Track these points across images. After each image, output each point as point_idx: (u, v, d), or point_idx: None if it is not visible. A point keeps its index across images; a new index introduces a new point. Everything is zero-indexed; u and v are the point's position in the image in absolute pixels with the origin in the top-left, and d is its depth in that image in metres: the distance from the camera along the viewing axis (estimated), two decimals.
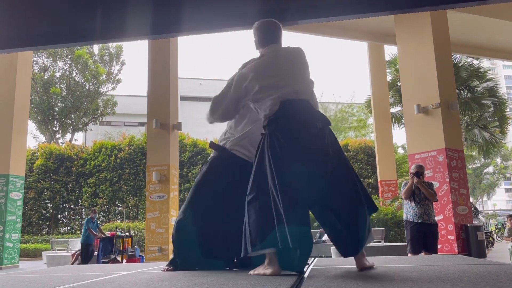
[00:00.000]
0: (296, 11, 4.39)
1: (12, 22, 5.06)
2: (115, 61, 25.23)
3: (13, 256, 9.78)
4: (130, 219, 18.52)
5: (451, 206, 8.30)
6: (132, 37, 5.56)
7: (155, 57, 10.00)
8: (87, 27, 4.91)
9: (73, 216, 19.51)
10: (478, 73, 13.52)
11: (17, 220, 9.97)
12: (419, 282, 1.63)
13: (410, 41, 9.50)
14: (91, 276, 2.45)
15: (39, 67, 23.43)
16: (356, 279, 1.75)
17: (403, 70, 9.71)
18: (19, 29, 5.01)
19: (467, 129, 13.99)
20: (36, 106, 22.13)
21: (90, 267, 3.59)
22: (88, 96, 23.47)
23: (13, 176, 9.82)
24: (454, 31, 9.92)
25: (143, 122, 29.10)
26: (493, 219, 30.42)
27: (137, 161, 18.82)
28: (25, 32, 4.99)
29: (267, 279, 1.95)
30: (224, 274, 2.22)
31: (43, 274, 2.76)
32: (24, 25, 4.96)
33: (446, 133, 8.58)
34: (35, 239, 17.20)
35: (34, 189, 18.32)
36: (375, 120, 13.25)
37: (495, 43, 12.64)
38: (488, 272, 1.87)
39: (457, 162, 8.62)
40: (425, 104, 8.88)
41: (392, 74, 14.59)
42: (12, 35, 5.06)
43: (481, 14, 10.30)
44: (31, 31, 4.97)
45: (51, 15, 4.94)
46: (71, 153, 19.38)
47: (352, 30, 11.74)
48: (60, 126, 23.66)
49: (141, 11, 4.81)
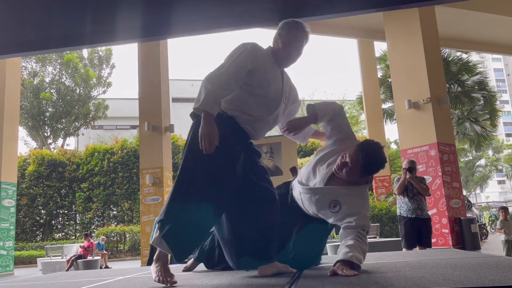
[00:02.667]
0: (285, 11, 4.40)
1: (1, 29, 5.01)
2: (105, 64, 25.10)
3: (7, 263, 9.70)
4: (125, 223, 18.44)
5: (444, 199, 8.37)
6: (122, 40, 5.54)
7: (145, 59, 9.97)
8: (76, 31, 4.88)
9: (67, 222, 19.39)
10: (468, 67, 13.63)
11: (10, 227, 9.89)
12: (412, 277, 1.64)
13: (399, 37, 9.56)
14: (86, 282, 2.44)
15: (28, 72, 23.24)
16: (350, 278, 1.77)
17: (393, 66, 9.77)
18: (6, 35, 4.96)
19: (458, 122, 14.09)
20: (26, 112, 21.94)
21: (85, 273, 3.58)
22: (79, 100, 23.33)
23: (5, 183, 9.74)
24: (442, 26, 10.00)
25: (135, 125, 28.99)
26: (486, 211, 30.71)
27: (130, 164, 18.75)
28: (13, 38, 4.95)
29: (262, 279, 1.96)
30: (219, 276, 2.22)
31: (38, 282, 2.74)
32: (12, 31, 4.92)
33: (438, 127, 8.65)
34: (30, 246, 17.07)
35: (26, 195, 18.18)
36: (367, 116, 13.33)
37: (483, 37, 12.76)
38: (480, 265, 1.89)
39: (449, 156, 8.69)
40: (416, 99, 8.94)
41: (383, 70, 14.66)
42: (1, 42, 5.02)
43: (468, 8, 10.40)
44: (19, 37, 4.92)
45: (39, 20, 4.90)
46: (63, 158, 19.25)
47: (342, 27, 11.79)
48: (52, 131, 23.49)
49: (130, 13, 4.79)
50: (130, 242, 17.06)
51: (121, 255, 16.98)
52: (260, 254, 2.05)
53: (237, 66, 2.02)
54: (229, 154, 2.03)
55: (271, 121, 2.23)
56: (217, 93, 1.95)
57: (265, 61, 2.15)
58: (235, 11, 4.39)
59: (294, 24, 2.20)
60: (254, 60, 2.08)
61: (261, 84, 2.11)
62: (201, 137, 1.90)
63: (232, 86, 2.01)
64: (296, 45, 2.19)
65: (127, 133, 27.05)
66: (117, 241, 17.39)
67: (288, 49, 2.18)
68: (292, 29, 2.18)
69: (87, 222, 18.62)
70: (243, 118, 2.11)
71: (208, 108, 1.91)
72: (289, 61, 2.24)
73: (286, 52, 2.19)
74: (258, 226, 2.05)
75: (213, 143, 1.89)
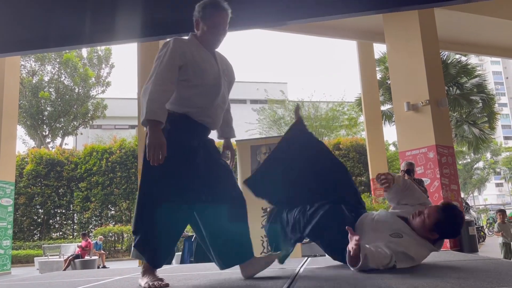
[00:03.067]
0: (283, 12, 4.40)
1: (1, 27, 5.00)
2: (104, 64, 25.06)
3: (4, 263, 9.67)
4: (123, 223, 18.41)
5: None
6: (122, 40, 5.53)
7: (145, 59, 9.95)
8: (76, 30, 4.87)
9: (65, 221, 19.34)
10: (466, 69, 13.65)
11: (8, 226, 9.86)
12: (409, 278, 1.64)
13: (398, 39, 9.57)
14: (84, 281, 2.43)
15: (27, 71, 23.19)
16: (348, 279, 1.77)
17: (393, 68, 9.78)
18: (6, 33, 4.96)
19: (456, 125, 14.11)
20: (25, 111, 21.89)
21: (83, 272, 3.57)
22: (78, 99, 23.28)
23: (3, 182, 9.72)
24: (441, 29, 10.02)
25: (134, 125, 28.97)
26: (484, 213, 30.74)
27: (129, 164, 18.72)
28: (13, 37, 4.94)
29: (260, 280, 1.95)
30: (217, 276, 2.22)
31: (35, 281, 2.74)
32: (11, 30, 4.91)
33: (436, 129, 8.66)
34: (27, 245, 17.02)
35: (24, 194, 18.13)
36: (366, 118, 13.32)
37: (482, 40, 12.77)
38: (478, 267, 1.90)
39: (447, 158, 8.70)
40: (414, 101, 8.95)
41: (382, 72, 14.68)
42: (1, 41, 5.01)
43: (468, 11, 10.42)
44: (19, 36, 4.92)
45: (39, 19, 4.89)
46: (61, 157, 19.21)
47: (341, 29, 11.79)
48: (50, 131, 23.44)
49: (129, 13, 4.79)
50: (127, 242, 17.03)
51: (119, 255, 16.95)
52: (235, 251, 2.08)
53: (167, 67, 1.99)
54: (186, 152, 2.03)
55: (221, 103, 2.20)
56: (157, 99, 1.92)
57: (193, 51, 2.10)
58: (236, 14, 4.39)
59: (214, 4, 2.14)
60: (182, 54, 2.04)
61: (197, 74, 2.08)
62: (148, 148, 1.90)
63: (170, 88, 1.99)
64: (222, 25, 2.15)
65: (126, 132, 27.02)
66: (114, 241, 17.36)
67: (215, 31, 2.15)
68: (214, 10, 2.13)
69: (85, 221, 18.58)
70: (194, 112, 2.09)
71: (152, 117, 1.90)
72: (218, 42, 2.20)
73: (214, 34, 2.15)
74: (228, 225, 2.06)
75: (162, 153, 1.89)
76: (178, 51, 2.04)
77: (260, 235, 5.44)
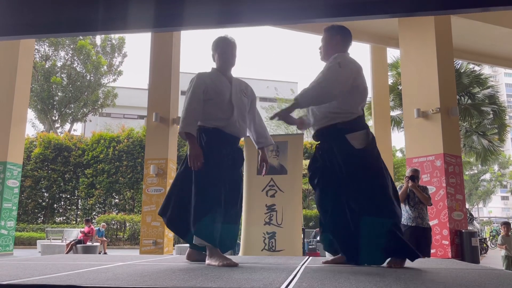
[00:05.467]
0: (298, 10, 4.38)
1: (13, 9, 5.04)
2: (117, 52, 25.20)
3: (7, 243, 9.78)
4: (126, 211, 18.54)
5: (447, 211, 8.33)
6: (136, 29, 5.53)
7: (158, 50, 9.99)
8: (89, 17, 4.89)
9: (69, 206, 19.52)
10: (479, 79, 13.52)
11: (13, 207, 9.97)
12: (412, 283, 1.64)
13: (412, 45, 9.50)
14: (86, 265, 2.46)
15: (41, 55, 23.37)
16: (349, 278, 1.77)
17: (405, 73, 9.72)
18: (20, 16, 4.99)
19: (465, 135, 14.00)
20: (36, 95, 22.08)
21: (85, 256, 3.60)
22: (89, 86, 23.45)
23: (11, 163, 9.82)
24: (457, 37, 9.93)
25: (142, 115, 29.08)
26: (488, 226, 30.51)
27: (135, 153, 18.82)
28: (27, 20, 4.97)
29: (261, 275, 1.96)
30: (218, 267, 2.23)
31: (38, 262, 2.77)
32: (25, 13, 4.94)
33: (445, 138, 8.60)
34: (30, 228, 17.21)
35: (31, 177, 18.31)
36: (375, 122, 13.25)
37: (498, 51, 12.64)
38: (480, 277, 1.89)
39: (454, 168, 8.64)
40: (425, 108, 8.89)
41: (394, 77, 14.59)
42: (13, 23, 5.04)
43: (485, 21, 10.31)
44: (33, 19, 4.95)
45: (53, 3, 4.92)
46: (69, 143, 19.37)
47: (356, 31, 11.72)
48: (60, 116, 23.63)
49: (145, 2, 4.80)
50: (129, 231, 17.15)
51: (120, 243, 17.07)
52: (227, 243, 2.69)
53: (194, 92, 2.72)
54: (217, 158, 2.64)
55: (243, 110, 2.85)
56: (191, 115, 2.65)
57: (212, 78, 2.80)
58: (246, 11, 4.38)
59: (222, 38, 2.87)
60: (203, 82, 2.75)
61: (216, 93, 2.75)
62: (190, 158, 2.59)
63: (198, 107, 2.68)
64: (230, 51, 2.86)
65: (134, 122, 27.16)
66: (117, 229, 17.49)
67: (225, 56, 2.86)
68: (222, 42, 2.86)
69: (88, 208, 18.73)
70: (222, 124, 2.72)
71: (187, 129, 2.60)
72: (230, 65, 2.89)
73: (224, 60, 2.86)
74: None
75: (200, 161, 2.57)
76: (201, 80, 2.77)
77: (262, 232, 5.45)
